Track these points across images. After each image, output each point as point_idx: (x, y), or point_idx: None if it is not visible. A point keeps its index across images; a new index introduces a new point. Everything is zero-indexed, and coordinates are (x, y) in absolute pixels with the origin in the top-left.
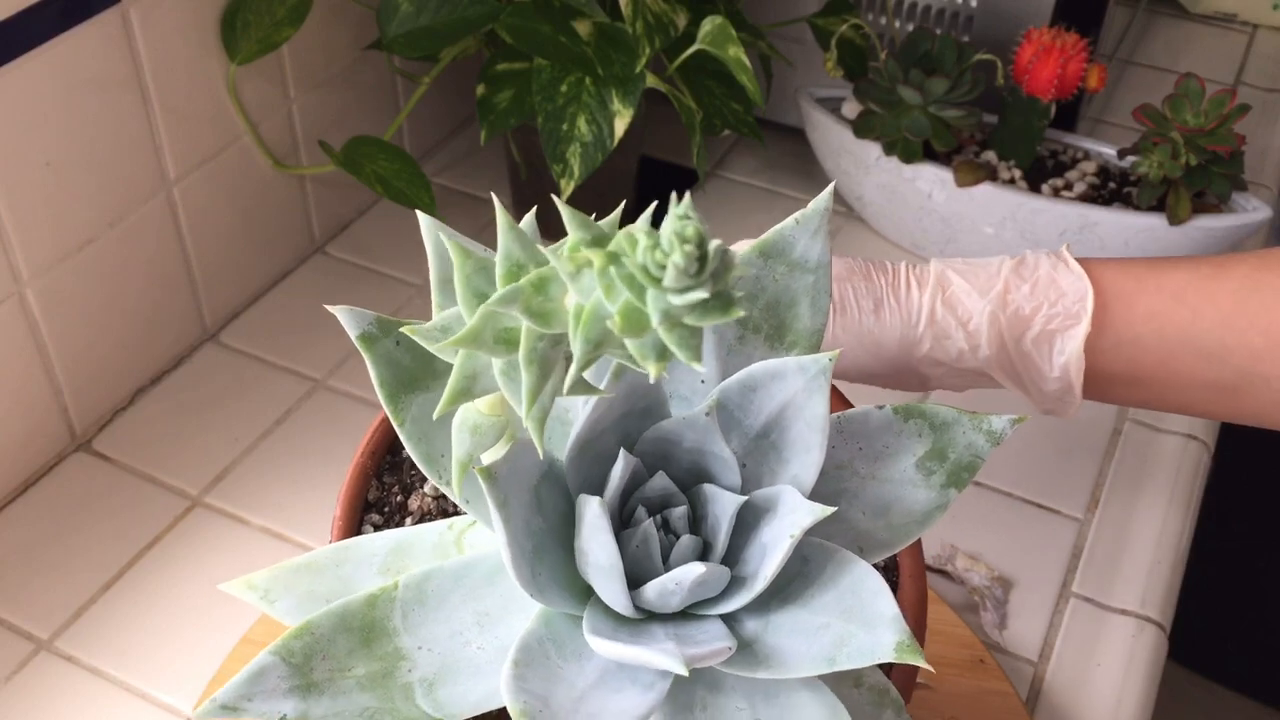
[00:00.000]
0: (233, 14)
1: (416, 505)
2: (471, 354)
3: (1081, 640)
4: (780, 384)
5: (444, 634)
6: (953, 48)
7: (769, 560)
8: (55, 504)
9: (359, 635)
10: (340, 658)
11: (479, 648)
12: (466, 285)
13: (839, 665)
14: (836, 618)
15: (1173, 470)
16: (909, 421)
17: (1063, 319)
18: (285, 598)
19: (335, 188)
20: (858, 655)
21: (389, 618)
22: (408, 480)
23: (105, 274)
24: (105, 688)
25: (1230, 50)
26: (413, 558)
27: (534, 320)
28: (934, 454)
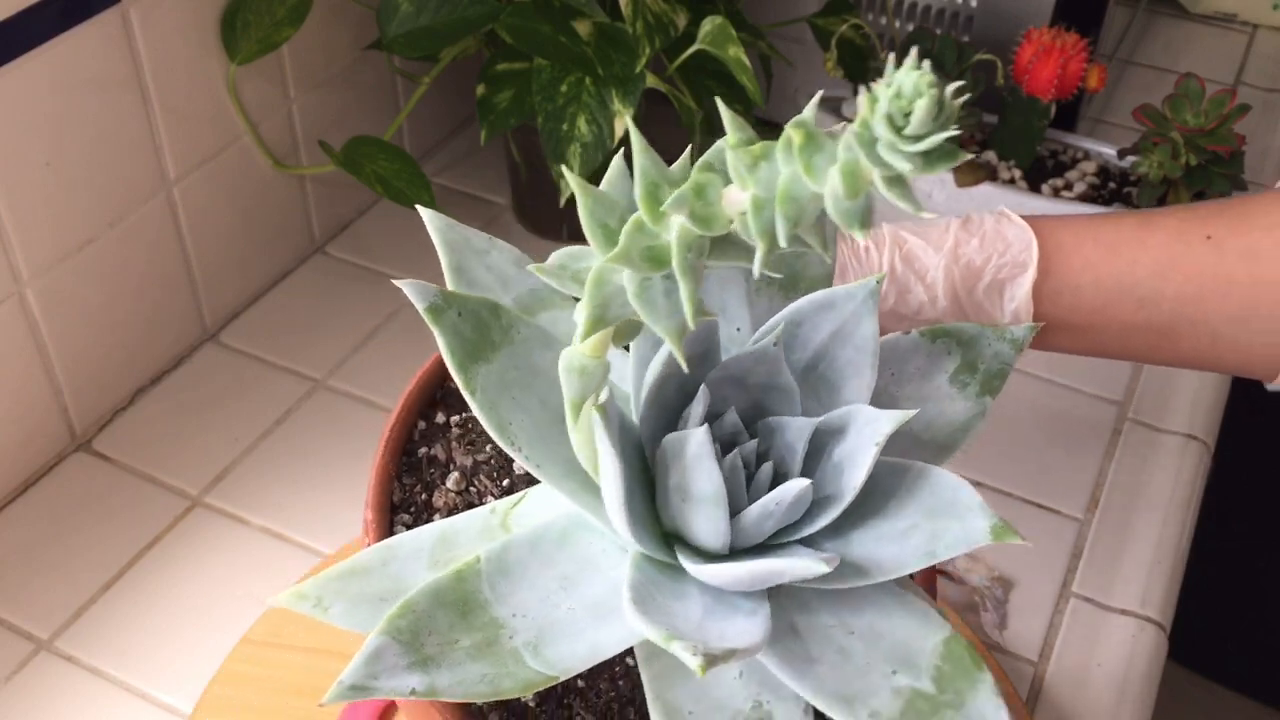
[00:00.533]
0: (233, 14)
1: (442, 502)
2: (602, 283)
3: (1081, 640)
4: (829, 314)
5: (533, 600)
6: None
7: (852, 473)
8: (55, 504)
9: (456, 609)
10: (444, 631)
11: (569, 608)
12: (591, 216)
13: (939, 557)
14: (923, 518)
15: (1173, 470)
16: (937, 341)
17: (1011, 268)
18: (338, 603)
19: (335, 188)
20: (955, 545)
21: (479, 590)
22: (428, 478)
23: (105, 274)
24: (105, 688)
25: (1230, 50)
26: (460, 546)
27: (698, 224)
28: (965, 368)
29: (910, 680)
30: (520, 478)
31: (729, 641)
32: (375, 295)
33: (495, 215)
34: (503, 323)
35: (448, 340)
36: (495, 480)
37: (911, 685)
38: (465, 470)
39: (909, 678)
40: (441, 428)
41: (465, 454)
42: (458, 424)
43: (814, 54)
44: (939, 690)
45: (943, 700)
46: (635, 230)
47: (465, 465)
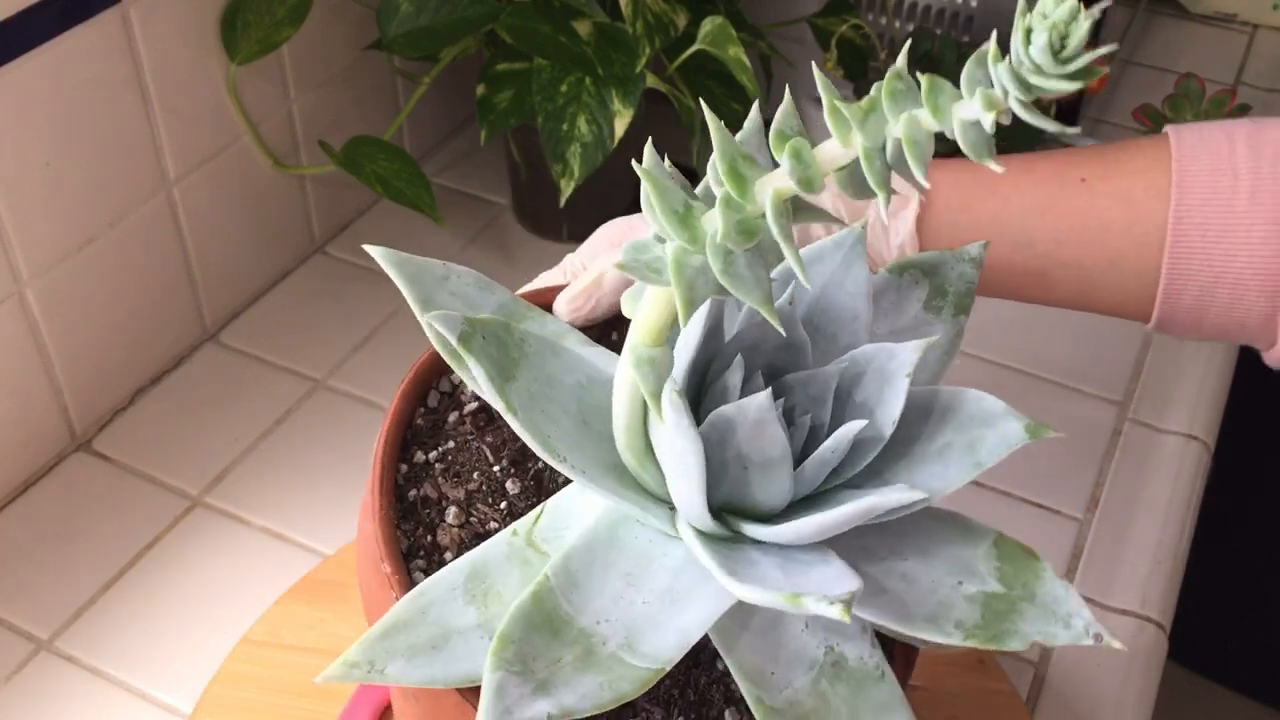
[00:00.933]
0: (233, 14)
1: (447, 540)
2: (683, 267)
3: None
4: (819, 266)
5: (608, 603)
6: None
7: (886, 408)
8: (55, 504)
9: (547, 630)
10: (546, 654)
11: (644, 603)
12: (663, 202)
13: (984, 464)
14: (955, 435)
15: (1173, 470)
16: (904, 275)
17: (894, 204)
18: (392, 662)
19: (335, 188)
20: (996, 449)
21: (559, 607)
22: (426, 519)
23: (105, 274)
24: (105, 688)
25: (1230, 50)
26: (494, 575)
27: (801, 185)
28: (935, 293)
29: (978, 586)
30: (516, 497)
31: (834, 588)
32: (375, 295)
33: (495, 215)
34: (515, 339)
35: (485, 366)
36: (493, 506)
37: (981, 590)
38: (460, 503)
39: (976, 584)
40: (424, 466)
41: (455, 488)
42: (438, 459)
43: (814, 54)
44: (1007, 587)
45: (1014, 595)
46: (726, 206)
47: (459, 498)
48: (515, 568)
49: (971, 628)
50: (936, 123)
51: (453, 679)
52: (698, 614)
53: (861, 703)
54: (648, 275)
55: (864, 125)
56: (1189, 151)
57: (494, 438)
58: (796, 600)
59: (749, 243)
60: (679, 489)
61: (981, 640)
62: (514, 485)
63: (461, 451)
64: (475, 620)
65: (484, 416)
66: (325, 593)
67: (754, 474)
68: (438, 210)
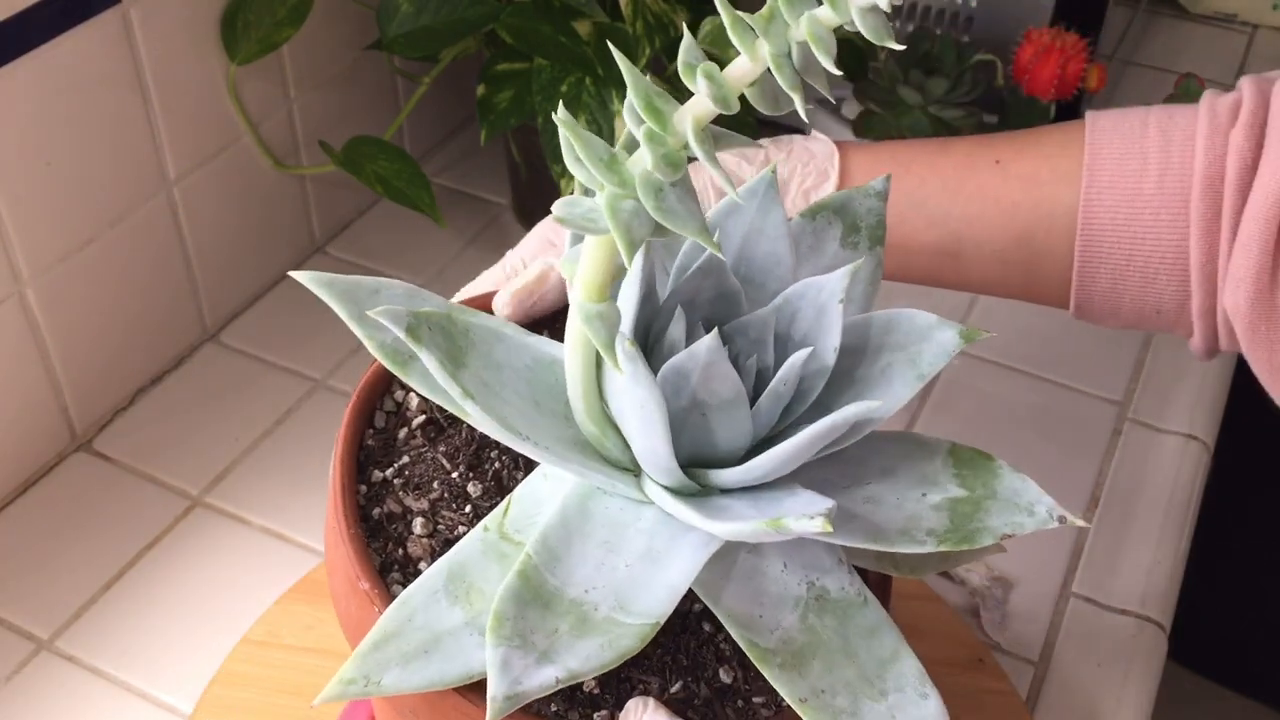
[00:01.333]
0: (233, 14)
1: (418, 551)
2: (617, 210)
3: (1081, 640)
4: (736, 217)
5: (591, 572)
6: (953, 48)
7: (827, 333)
8: (55, 504)
9: (539, 604)
10: (542, 626)
11: (626, 566)
12: (589, 153)
13: (927, 374)
14: (895, 353)
15: (1173, 470)
16: (816, 218)
17: (815, 178)
18: (387, 672)
19: (335, 188)
20: (936, 358)
21: (545, 581)
22: (395, 534)
23: (105, 274)
24: (105, 688)
25: (1230, 50)
26: (474, 573)
27: (718, 104)
28: (849, 230)
29: (941, 494)
30: (479, 499)
31: (809, 510)
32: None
33: (495, 215)
34: (460, 329)
35: (435, 355)
36: (458, 511)
37: (945, 497)
38: (425, 514)
39: (939, 492)
40: (382, 484)
41: (417, 499)
42: (395, 475)
43: None
44: (969, 490)
45: (978, 496)
46: (650, 141)
47: (423, 509)
48: (493, 562)
49: (943, 534)
50: (836, 16)
51: (450, 679)
52: (680, 567)
53: (850, 630)
54: (584, 226)
55: (768, 33)
56: (1102, 136)
57: (446, 446)
58: (778, 524)
59: (676, 174)
60: (643, 444)
61: (954, 543)
62: (475, 488)
63: (417, 464)
64: (462, 619)
65: (433, 428)
66: (325, 593)
67: (713, 418)
68: (438, 210)
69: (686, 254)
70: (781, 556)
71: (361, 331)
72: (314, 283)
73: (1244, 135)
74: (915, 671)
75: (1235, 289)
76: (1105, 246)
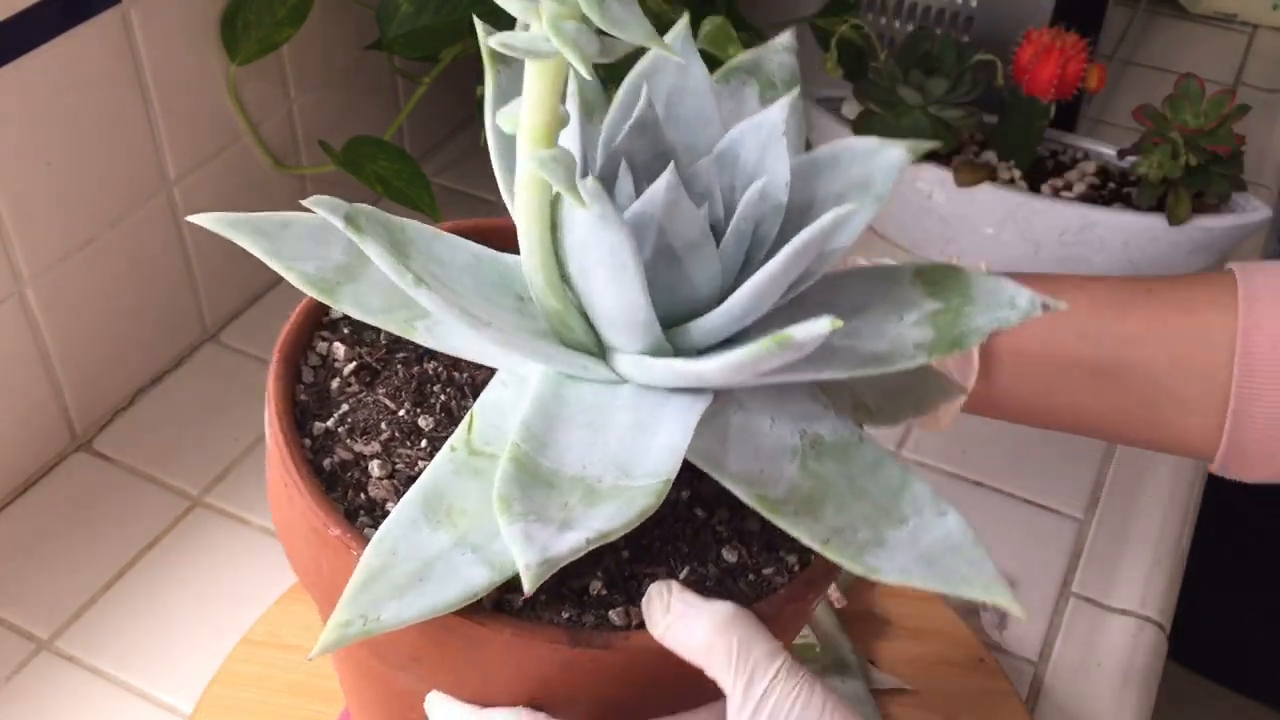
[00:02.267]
0: (233, 14)
1: (382, 493)
2: (563, 29)
3: (1081, 640)
4: (658, 77)
5: (584, 449)
6: (953, 48)
7: (775, 167)
8: (55, 504)
9: (542, 484)
10: (552, 501)
11: (618, 439)
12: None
13: (883, 194)
14: (844, 182)
15: (1173, 470)
16: (731, 79)
17: None
18: (383, 608)
19: (335, 188)
20: (887, 175)
21: (539, 464)
22: (353, 480)
23: (105, 274)
24: (105, 688)
25: (1230, 50)
26: (451, 494)
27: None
28: (765, 86)
29: (919, 311)
30: (432, 431)
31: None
32: None
33: (495, 215)
34: (396, 225)
35: (380, 243)
36: (413, 447)
37: (922, 313)
38: (380, 455)
39: (915, 311)
40: (327, 435)
41: (367, 443)
42: (338, 424)
43: (814, 54)
44: (945, 301)
45: (954, 304)
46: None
47: (376, 452)
48: (468, 479)
49: (930, 344)
50: None
51: (452, 600)
52: (672, 429)
53: (854, 469)
54: (531, 51)
55: None
56: (1257, 274)
57: (385, 388)
58: (783, 339)
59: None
60: (615, 300)
61: (944, 349)
62: (426, 421)
63: (358, 410)
64: (449, 540)
65: (366, 373)
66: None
67: (684, 261)
68: (438, 210)
69: (614, 118)
70: (769, 412)
71: (279, 265)
72: (219, 224)
73: None
74: (927, 494)
75: None
76: (1269, 378)
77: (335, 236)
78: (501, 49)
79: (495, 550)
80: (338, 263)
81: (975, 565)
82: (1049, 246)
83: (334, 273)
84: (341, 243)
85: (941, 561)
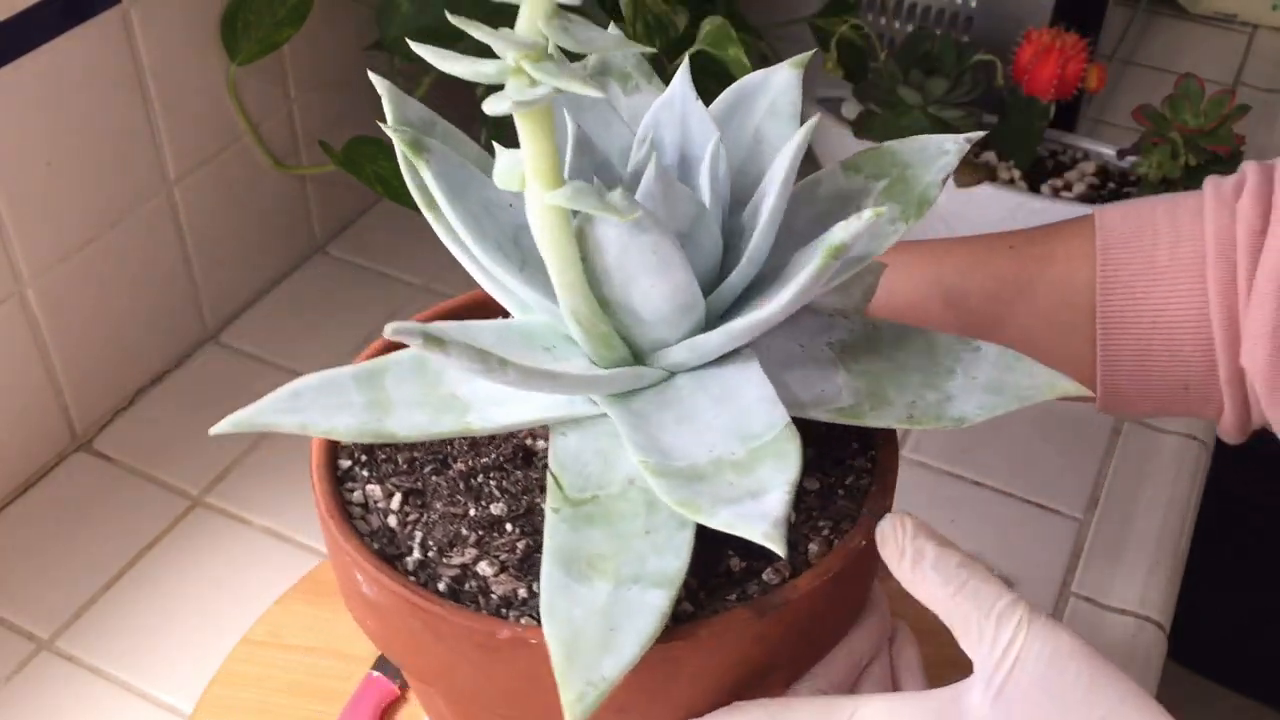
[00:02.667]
0: (233, 14)
1: (507, 589)
2: (543, 66)
3: None
4: (666, 116)
5: (701, 435)
6: (952, 48)
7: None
8: (55, 504)
9: (696, 479)
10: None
11: (730, 413)
12: (481, 32)
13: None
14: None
15: (1173, 470)
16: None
17: None
18: (601, 665)
19: (335, 188)
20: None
21: (671, 466)
22: (475, 589)
23: (105, 274)
24: (105, 688)
25: (1230, 50)
26: (582, 546)
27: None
28: (621, 78)
29: (873, 196)
30: (509, 516)
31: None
32: (375, 295)
33: None
34: (439, 331)
35: (464, 354)
36: (502, 534)
37: (879, 192)
38: (482, 557)
39: (870, 198)
40: (423, 565)
41: (464, 553)
42: (425, 550)
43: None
44: (889, 177)
45: (896, 174)
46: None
47: (475, 556)
48: (587, 528)
49: (899, 214)
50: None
51: (653, 628)
52: (752, 382)
53: (885, 349)
54: (525, 103)
55: None
56: (1111, 219)
57: (440, 500)
58: (839, 247)
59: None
60: (666, 296)
61: (915, 212)
62: (498, 508)
63: (432, 531)
64: (610, 585)
65: (414, 497)
66: (325, 592)
67: (691, 237)
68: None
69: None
70: (794, 340)
71: (322, 431)
72: (236, 425)
73: (1250, 204)
74: (950, 339)
75: (1253, 347)
76: (1128, 319)
77: (340, 383)
78: (496, 113)
79: (656, 570)
80: (363, 404)
81: (1030, 373)
82: None
83: (368, 414)
84: (351, 385)
85: (1004, 385)
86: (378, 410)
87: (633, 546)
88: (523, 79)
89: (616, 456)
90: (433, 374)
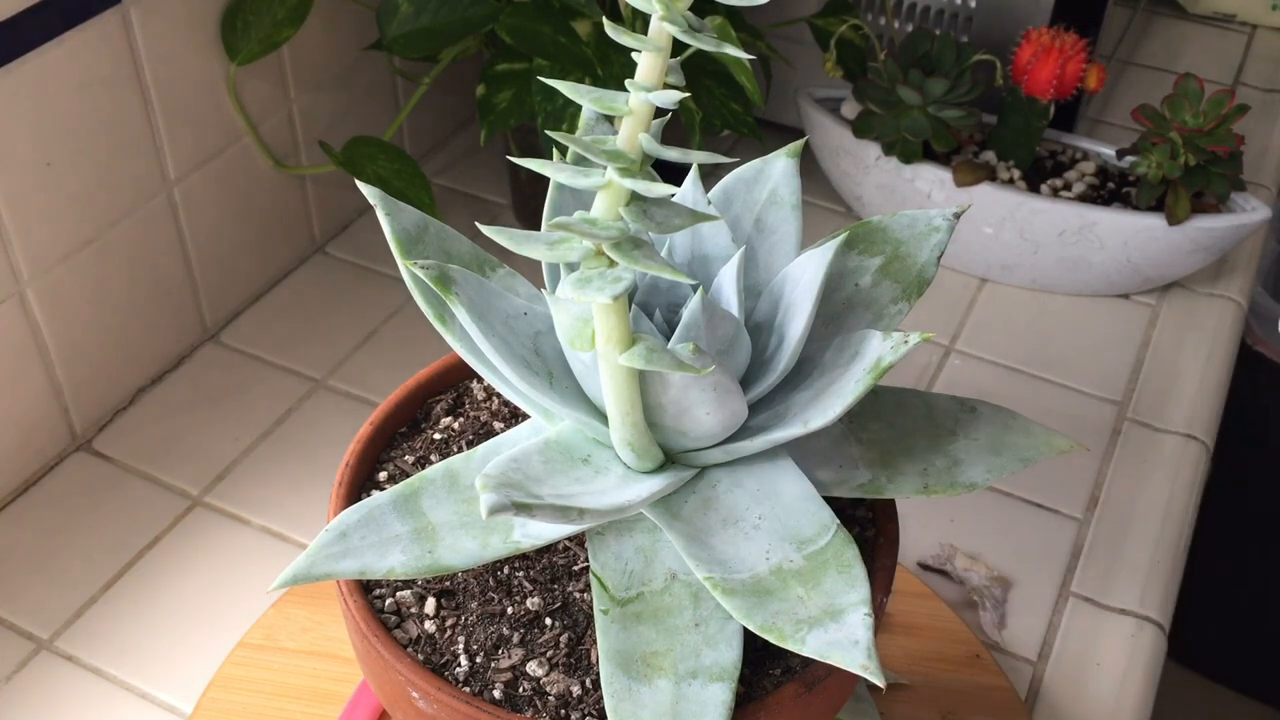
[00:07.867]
0: (233, 14)
1: (560, 688)
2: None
3: (1081, 640)
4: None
5: (747, 546)
6: (952, 48)
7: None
8: (55, 504)
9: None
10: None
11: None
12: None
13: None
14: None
15: (1172, 470)
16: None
17: None
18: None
19: (335, 188)
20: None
21: (709, 528)
22: (528, 691)
23: (105, 274)
24: (105, 688)
25: (1229, 50)
26: (637, 646)
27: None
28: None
29: (871, 273)
30: (547, 610)
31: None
32: (375, 295)
33: (495, 215)
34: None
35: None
36: (545, 630)
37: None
38: (530, 657)
39: (870, 275)
40: (474, 674)
41: (511, 655)
42: (471, 657)
43: (814, 54)
44: (883, 255)
45: (890, 251)
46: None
47: (523, 656)
48: (638, 626)
49: (900, 294)
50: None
51: (728, 709)
52: (790, 480)
53: (889, 416)
54: (601, 292)
55: None
56: None
57: (475, 601)
58: (884, 368)
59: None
60: (718, 420)
61: (915, 291)
62: (534, 602)
63: (474, 634)
64: (671, 681)
65: (447, 599)
66: (323, 596)
67: (728, 353)
68: (438, 210)
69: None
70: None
71: (381, 574)
72: (289, 581)
73: None
74: (944, 399)
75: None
76: None
77: (381, 514)
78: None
79: (713, 664)
80: (409, 534)
81: (1027, 432)
82: (1048, 246)
83: (418, 547)
84: (391, 514)
85: (1003, 445)
86: (426, 540)
87: (685, 641)
88: (602, 261)
89: (655, 552)
90: (466, 490)
